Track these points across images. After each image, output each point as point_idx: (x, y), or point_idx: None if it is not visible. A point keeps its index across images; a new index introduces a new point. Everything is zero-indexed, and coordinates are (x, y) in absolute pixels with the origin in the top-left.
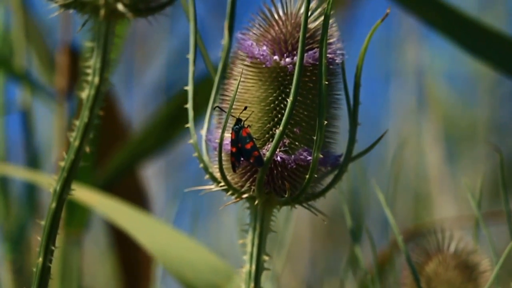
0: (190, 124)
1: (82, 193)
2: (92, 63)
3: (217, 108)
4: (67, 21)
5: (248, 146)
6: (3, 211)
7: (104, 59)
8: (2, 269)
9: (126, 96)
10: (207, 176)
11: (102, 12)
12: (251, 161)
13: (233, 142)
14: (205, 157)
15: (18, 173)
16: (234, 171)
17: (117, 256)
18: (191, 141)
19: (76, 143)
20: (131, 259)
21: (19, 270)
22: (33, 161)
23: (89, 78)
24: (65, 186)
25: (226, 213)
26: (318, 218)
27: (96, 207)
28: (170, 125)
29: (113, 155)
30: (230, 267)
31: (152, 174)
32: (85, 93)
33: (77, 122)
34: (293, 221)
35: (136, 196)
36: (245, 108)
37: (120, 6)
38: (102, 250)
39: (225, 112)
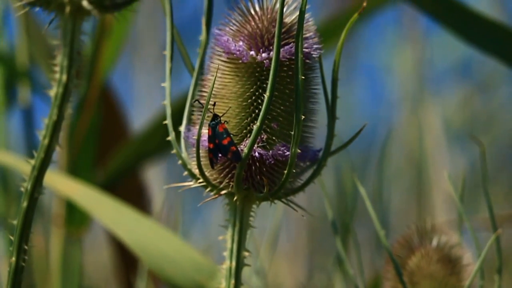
0: (168, 121)
1: (62, 184)
2: (59, 61)
3: (196, 105)
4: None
5: (225, 141)
6: (3, 209)
7: (72, 56)
8: (2, 268)
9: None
10: (185, 173)
11: (68, 9)
12: (229, 156)
13: (210, 138)
14: (184, 154)
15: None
16: (212, 167)
17: (117, 254)
18: (170, 138)
19: (46, 142)
20: (130, 257)
21: None
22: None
23: (57, 76)
24: (36, 185)
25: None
26: (315, 217)
27: (77, 199)
28: (174, 125)
29: (114, 155)
30: (213, 265)
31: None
32: (53, 91)
33: (46, 120)
34: (291, 221)
35: (137, 197)
36: (214, 104)
37: (85, 3)
38: (103, 249)
39: (203, 108)
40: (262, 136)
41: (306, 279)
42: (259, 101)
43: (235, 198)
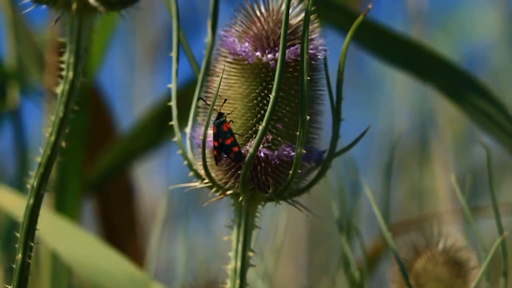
0: (174, 122)
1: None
2: (65, 58)
3: (201, 106)
4: (55, 18)
5: (229, 141)
6: None
7: (78, 53)
8: None
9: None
10: (191, 174)
11: (74, 6)
12: (231, 156)
13: (215, 136)
14: (190, 155)
15: None
16: (217, 164)
17: None
18: (175, 138)
19: (52, 138)
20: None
21: (10, 268)
22: (23, 160)
23: (63, 73)
24: (42, 182)
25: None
26: (316, 218)
27: (12, 210)
28: (161, 125)
29: (102, 154)
30: (148, 277)
31: None
32: (60, 88)
33: (52, 117)
34: (291, 222)
35: (126, 196)
36: (225, 101)
37: (91, 0)
38: None
39: (209, 108)
40: (268, 137)
41: (306, 280)
42: (265, 102)
43: (240, 199)
